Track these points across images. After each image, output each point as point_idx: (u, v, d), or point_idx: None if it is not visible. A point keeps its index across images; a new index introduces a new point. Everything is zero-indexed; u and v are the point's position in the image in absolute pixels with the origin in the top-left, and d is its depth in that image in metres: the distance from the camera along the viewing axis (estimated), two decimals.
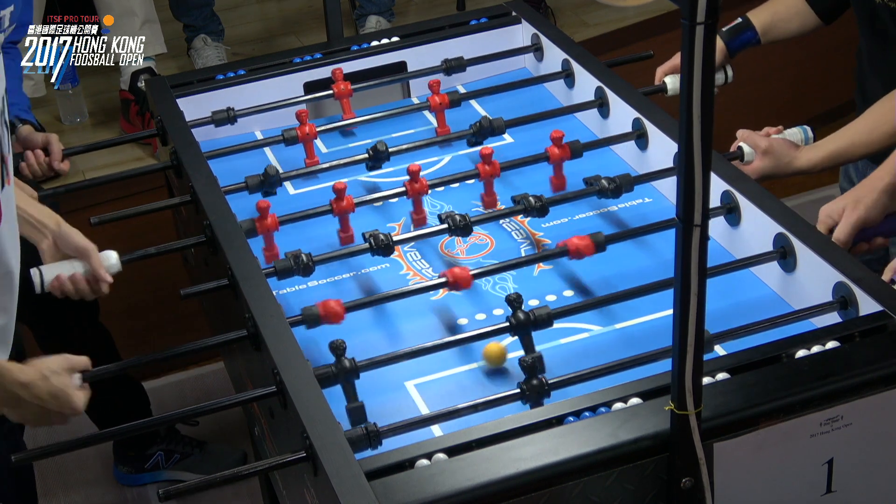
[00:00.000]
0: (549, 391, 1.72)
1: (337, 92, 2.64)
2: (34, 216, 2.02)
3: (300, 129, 2.47)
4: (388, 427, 1.66)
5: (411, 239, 2.17)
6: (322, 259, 2.06)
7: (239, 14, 4.35)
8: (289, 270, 2.02)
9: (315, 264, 2.03)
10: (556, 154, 2.30)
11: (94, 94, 3.76)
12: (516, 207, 2.16)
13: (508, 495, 1.52)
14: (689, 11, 1.21)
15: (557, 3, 4.18)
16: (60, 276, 2.02)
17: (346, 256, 2.11)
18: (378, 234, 2.07)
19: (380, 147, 2.37)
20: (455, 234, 2.13)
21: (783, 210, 2.02)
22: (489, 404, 1.71)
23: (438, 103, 2.55)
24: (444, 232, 2.13)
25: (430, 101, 2.56)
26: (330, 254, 2.09)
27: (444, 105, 2.55)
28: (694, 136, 1.29)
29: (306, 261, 2.02)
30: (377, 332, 2.01)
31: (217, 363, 3.41)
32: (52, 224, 2.03)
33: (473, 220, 2.13)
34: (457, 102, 2.57)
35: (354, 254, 2.10)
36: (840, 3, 2.44)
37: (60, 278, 2.02)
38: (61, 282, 2.02)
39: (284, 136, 2.47)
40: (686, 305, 1.38)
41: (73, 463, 3.27)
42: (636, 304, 1.97)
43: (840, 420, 1.61)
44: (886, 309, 1.76)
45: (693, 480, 1.53)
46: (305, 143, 2.48)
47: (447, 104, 2.55)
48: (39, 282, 2.02)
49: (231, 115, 2.59)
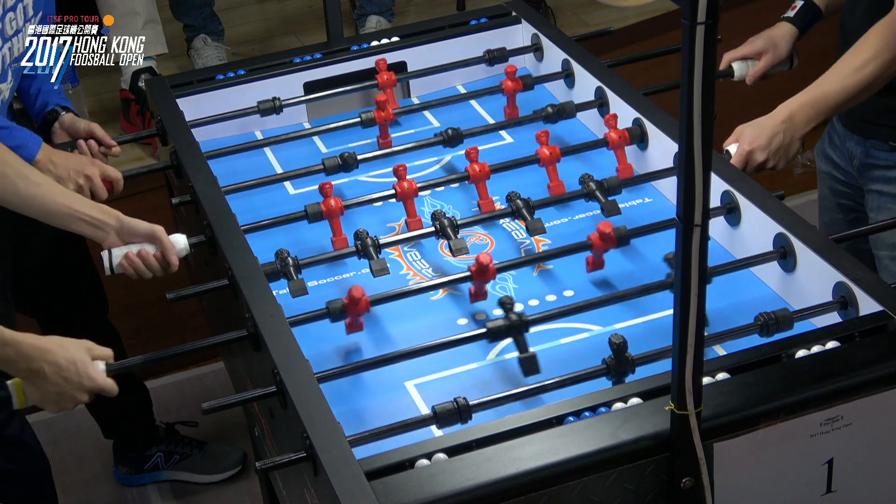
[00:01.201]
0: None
1: (381, 82, 2.65)
2: (92, 215, 2.06)
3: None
4: (388, 427, 1.67)
5: (392, 244, 2.14)
6: (309, 262, 2.07)
7: (239, 14, 4.35)
8: (276, 273, 2.03)
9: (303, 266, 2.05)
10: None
11: (94, 93, 3.76)
12: (504, 210, 2.16)
13: (508, 495, 1.52)
14: (690, 11, 1.21)
15: (557, 3, 4.18)
16: (129, 254, 2.06)
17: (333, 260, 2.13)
18: (366, 234, 2.08)
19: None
20: (442, 237, 2.12)
21: (783, 210, 2.02)
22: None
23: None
24: (431, 235, 2.12)
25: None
26: (318, 256, 2.10)
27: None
28: (694, 136, 1.29)
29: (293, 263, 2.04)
30: (377, 332, 2.01)
31: (217, 363, 3.41)
32: (112, 220, 2.07)
33: (461, 222, 2.13)
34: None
35: (341, 258, 2.12)
36: None
37: (129, 255, 2.06)
38: (130, 259, 2.06)
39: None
40: (686, 305, 1.38)
41: (74, 463, 3.27)
42: (636, 304, 1.97)
43: (840, 420, 1.61)
44: (886, 309, 1.76)
45: (693, 480, 1.53)
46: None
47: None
48: (109, 263, 2.06)
49: (277, 104, 2.61)
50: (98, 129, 2.50)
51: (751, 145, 2.17)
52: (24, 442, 2.62)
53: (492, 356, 1.93)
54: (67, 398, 1.80)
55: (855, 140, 2.37)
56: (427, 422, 1.68)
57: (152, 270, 2.08)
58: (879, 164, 2.33)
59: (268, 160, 2.58)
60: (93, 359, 1.81)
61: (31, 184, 2.05)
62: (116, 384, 1.84)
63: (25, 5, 2.30)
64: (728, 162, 2.17)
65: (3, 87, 2.33)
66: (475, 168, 2.27)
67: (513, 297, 1.87)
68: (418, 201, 2.29)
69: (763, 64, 2.49)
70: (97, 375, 1.80)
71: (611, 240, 2.02)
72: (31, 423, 2.69)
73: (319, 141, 2.64)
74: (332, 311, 1.89)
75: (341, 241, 2.19)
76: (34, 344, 1.77)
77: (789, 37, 2.48)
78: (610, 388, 1.70)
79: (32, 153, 2.27)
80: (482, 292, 1.99)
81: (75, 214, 2.05)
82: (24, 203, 2.06)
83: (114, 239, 2.07)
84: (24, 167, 2.08)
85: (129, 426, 3.11)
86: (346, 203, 2.21)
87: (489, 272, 1.95)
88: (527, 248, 2.21)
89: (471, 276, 1.96)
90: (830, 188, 2.52)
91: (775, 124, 2.17)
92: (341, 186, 2.43)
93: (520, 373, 1.84)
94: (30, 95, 2.53)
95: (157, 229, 2.07)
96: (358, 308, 1.89)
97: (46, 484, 2.70)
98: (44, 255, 2.67)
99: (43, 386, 1.78)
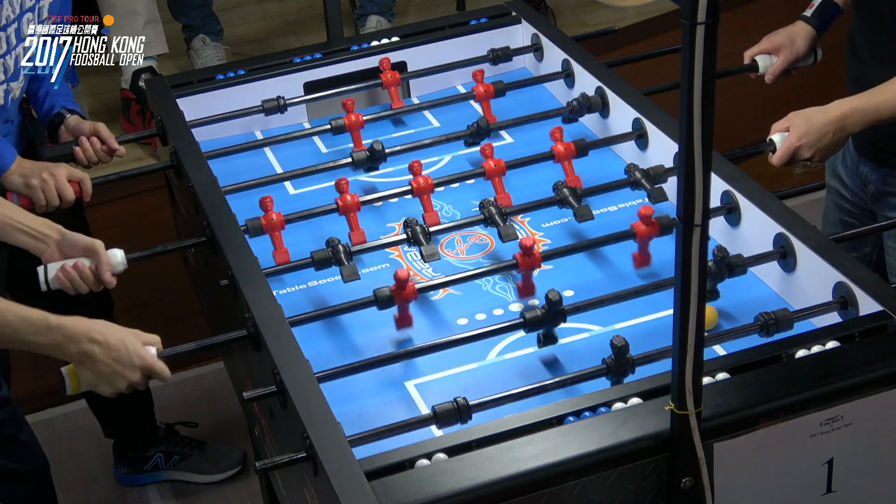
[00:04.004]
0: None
1: (385, 81, 2.65)
2: (33, 227, 2.05)
3: (347, 118, 2.50)
4: (388, 427, 1.67)
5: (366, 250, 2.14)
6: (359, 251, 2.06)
7: (239, 14, 4.35)
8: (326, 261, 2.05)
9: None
10: (562, 152, 2.30)
11: (94, 93, 3.76)
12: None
13: (508, 495, 1.52)
14: (690, 11, 1.22)
15: (557, 3, 4.18)
16: (65, 266, 2.03)
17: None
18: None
19: (376, 147, 2.37)
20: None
21: (783, 210, 2.02)
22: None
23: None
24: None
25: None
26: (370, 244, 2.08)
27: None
28: (694, 136, 1.29)
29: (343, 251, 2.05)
30: (377, 332, 2.01)
31: (217, 363, 3.41)
32: (53, 233, 2.05)
33: (462, 222, 2.14)
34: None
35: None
36: None
37: (65, 268, 2.03)
38: (66, 271, 2.03)
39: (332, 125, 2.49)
40: (686, 305, 1.38)
41: (73, 463, 3.27)
42: (636, 304, 1.97)
43: (840, 420, 1.61)
44: (886, 309, 1.76)
45: (693, 480, 1.53)
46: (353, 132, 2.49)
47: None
48: (44, 277, 2.04)
49: (281, 103, 2.61)
50: (104, 128, 2.51)
51: (799, 140, 2.14)
52: (23, 441, 2.62)
53: (492, 356, 1.93)
54: (120, 378, 1.81)
55: (869, 166, 2.37)
56: (427, 422, 1.68)
57: (88, 284, 2.06)
58: (895, 192, 2.33)
59: (268, 160, 2.58)
60: (143, 344, 1.83)
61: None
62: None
63: (41, 7, 2.31)
64: (728, 162, 2.17)
65: (14, 86, 2.33)
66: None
67: (559, 292, 1.86)
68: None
69: (781, 60, 2.47)
70: (147, 354, 1.81)
71: (654, 225, 2.02)
72: (31, 423, 2.69)
73: (319, 141, 2.64)
74: (381, 297, 1.90)
75: (358, 235, 2.19)
76: (81, 326, 1.79)
77: (806, 34, 2.47)
78: (610, 388, 1.70)
79: (6, 165, 2.29)
80: (529, 285, 1.99)
81: (16, 225, 2.03)
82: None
83: (52, 253, 2.05)
84: None
85: (130, 426, 3.11)
86: (363, 200, 2.22)
87: (535, 257, 1.95)
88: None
89: (516, 265, 1.97)
90: (836, 204, 2.51)
91: (827, 122, 2.13)
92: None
93: (520, 373, 1.84)
94: (37, 98, 2.54)
95: (96, 243, 2.05)
96: (405, 294, 1.90)
97: (45, 484, 2.70)
98: None
99: (95, 367, 1.80)
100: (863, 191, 2.41)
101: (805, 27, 2.48)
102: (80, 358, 1.80)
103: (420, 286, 1.97)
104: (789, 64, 2.48)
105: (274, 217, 2.16)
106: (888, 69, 2.15)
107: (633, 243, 2.08)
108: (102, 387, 1.82)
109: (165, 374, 1.84)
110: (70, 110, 2.54)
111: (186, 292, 2.93)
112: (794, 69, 2.51)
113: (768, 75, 2.50)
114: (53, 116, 2.53)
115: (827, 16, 2.47)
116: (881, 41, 2.24)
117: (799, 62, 2.50)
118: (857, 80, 2.30)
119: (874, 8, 2.23)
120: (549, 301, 1.84)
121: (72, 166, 2.40)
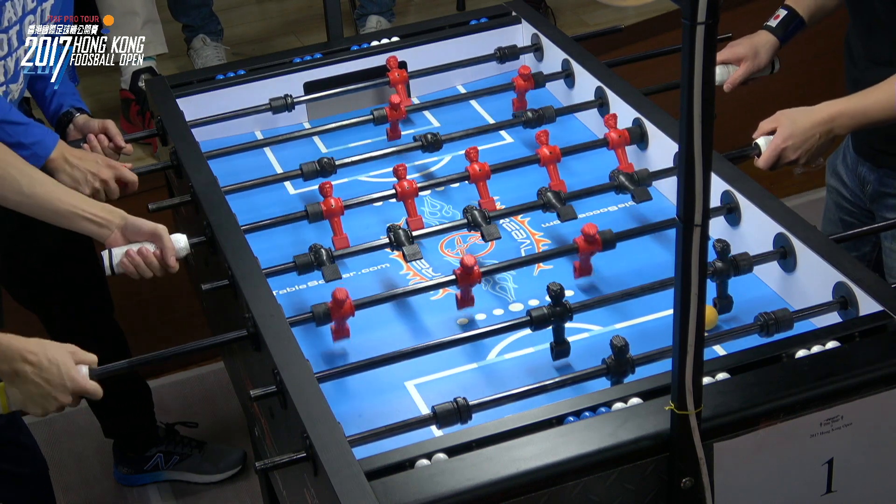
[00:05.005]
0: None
1: (392, 79, 2.66)
2: (97, 214, 2.06)
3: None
4: (388, 427, 1.67)
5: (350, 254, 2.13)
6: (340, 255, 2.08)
7: (239, 14, 4.35)
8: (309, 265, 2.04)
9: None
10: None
11: (94, 93, 3.76)
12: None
13: (508, 495, 1.52)
14: (690, 11, 1.22)
15: (557, 3, 4.18)
16: (130, 252, 2.04)
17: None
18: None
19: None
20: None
21: (783, 210, 2.02)
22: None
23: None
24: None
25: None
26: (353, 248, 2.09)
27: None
28: (694, 136, 1.29)
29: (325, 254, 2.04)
30: (377, 332, 2.01)
31: (217, 363, 3.41)
32: (116, 218, 2.06)
33: (416, 235, 2.12)
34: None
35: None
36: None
37: (130, 253, 2.04)
38: (131, 257, 2.04)
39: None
40: (686, 305, 1.38)
41: (73, 463, 3.27)
42: (636, 304, 1.97)
43: (840, 420, 1.61)
44: (886, 309, 1.76)
45: (693, 480, 1.53)
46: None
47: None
48: (109, 262, 2.05)
49: (289, 101, 2.61)
50: (112, 126, 2.52)
51: (784, 142, 2.14)
52: (21, 443, 2.62)
53: (492, 356, 1.93)
54: (50, 400, 1.78)
55: (867, 167, 2.37)
56: (427, 422, 1.68)
57: (152, 269, 2.07)
58: (892, 193, 2.33)
59: (268, 160, 2.58)
60: (76, 363, 1.79)
61: (35, 182, 2.05)
62: (107, 383, 1.83)
63: (44, 9, 2.31)
64: (728, 162, 2.17)
65: (13, 88, 2.33)
66: (475, 168, 2.27)
67: (561, 285, 1.85)
68: (419, 201, 2.29)
69: (742, 71, 2.48)
70: (79, 377, 1.78)
71: (596, 242, 2.02)
72: (31, 424, 2.69)
73: (319, 141, 2.64)
74: (317, 314, 1.89)
75: (342, 240, 2.19)
76: (15, 345, 1.76)
77: (770, 46, 2.48)
78: (610, 388, 1.70)
79: (49, 150, 2.28)
80: (469, 297, 1.99)
81: (80, 213, 2.05)
82: (28, 202, 2.06)
83: (116, 237, 2.06)
84: (28, 167, 2.08)
85: (130, 426, 3.12)
86: (347, 203, 2.21)
87: (474, 275, 1.94)
88: (527, 248, 2.21)
89: (455, 280, 1.96)
90: (836, 203, 2.51)
91: (813, 124, 2.13)
92: (342, 186, 2.42)
93: (520, 373, 1.84)
94: (45, 98, 2.54)
95: (159, 228, 2.07)
96: (342, 311, 1.89)
97: (45, 486, 2.70)
98: (47, 253, 2.68)
99: (25, 387, 1.77)
100: (861, 190, 2.41)
101: (769, 38, 2.48)
102: (11, 377, 1.76)
103: (417, 287, 1.97)
104: (750, 75, 2.49)
105: (333, 203, 2.18)
106: (884, 71, 2.15)
107: (633, 243, 2.09)
108: (31, 407, 1.79)
109: (97, 394, 1.81)
110: (78, 109, 2.54)
111: (186, 292, 2.93)
112: (751, 79, 2.51)
113: (727, 85, 2.50)
114: (62, 115, 2.53)
115: (792, 28, 2.48)
116: (876, 43, 2.24)
117: (758, 73, 2.50)
118: (854, 82, 2.30)
119: (869, 10, 2.23)
120: (551, 293, 1.83)
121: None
